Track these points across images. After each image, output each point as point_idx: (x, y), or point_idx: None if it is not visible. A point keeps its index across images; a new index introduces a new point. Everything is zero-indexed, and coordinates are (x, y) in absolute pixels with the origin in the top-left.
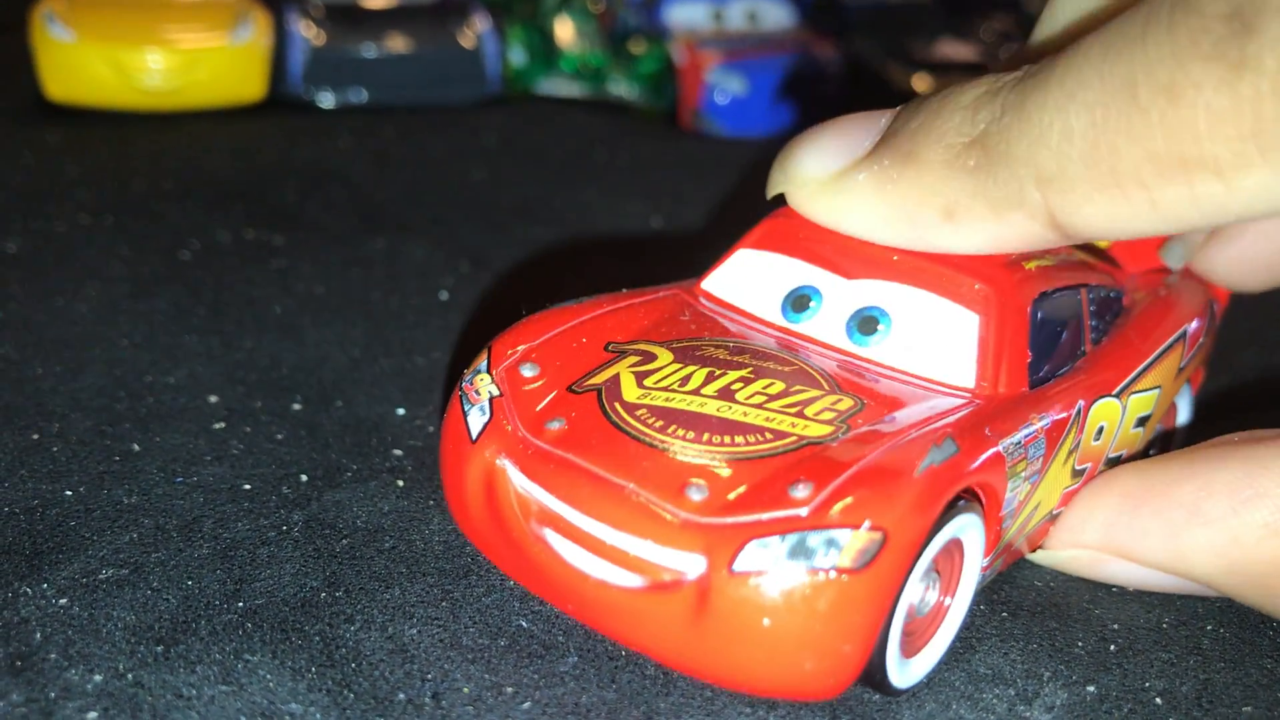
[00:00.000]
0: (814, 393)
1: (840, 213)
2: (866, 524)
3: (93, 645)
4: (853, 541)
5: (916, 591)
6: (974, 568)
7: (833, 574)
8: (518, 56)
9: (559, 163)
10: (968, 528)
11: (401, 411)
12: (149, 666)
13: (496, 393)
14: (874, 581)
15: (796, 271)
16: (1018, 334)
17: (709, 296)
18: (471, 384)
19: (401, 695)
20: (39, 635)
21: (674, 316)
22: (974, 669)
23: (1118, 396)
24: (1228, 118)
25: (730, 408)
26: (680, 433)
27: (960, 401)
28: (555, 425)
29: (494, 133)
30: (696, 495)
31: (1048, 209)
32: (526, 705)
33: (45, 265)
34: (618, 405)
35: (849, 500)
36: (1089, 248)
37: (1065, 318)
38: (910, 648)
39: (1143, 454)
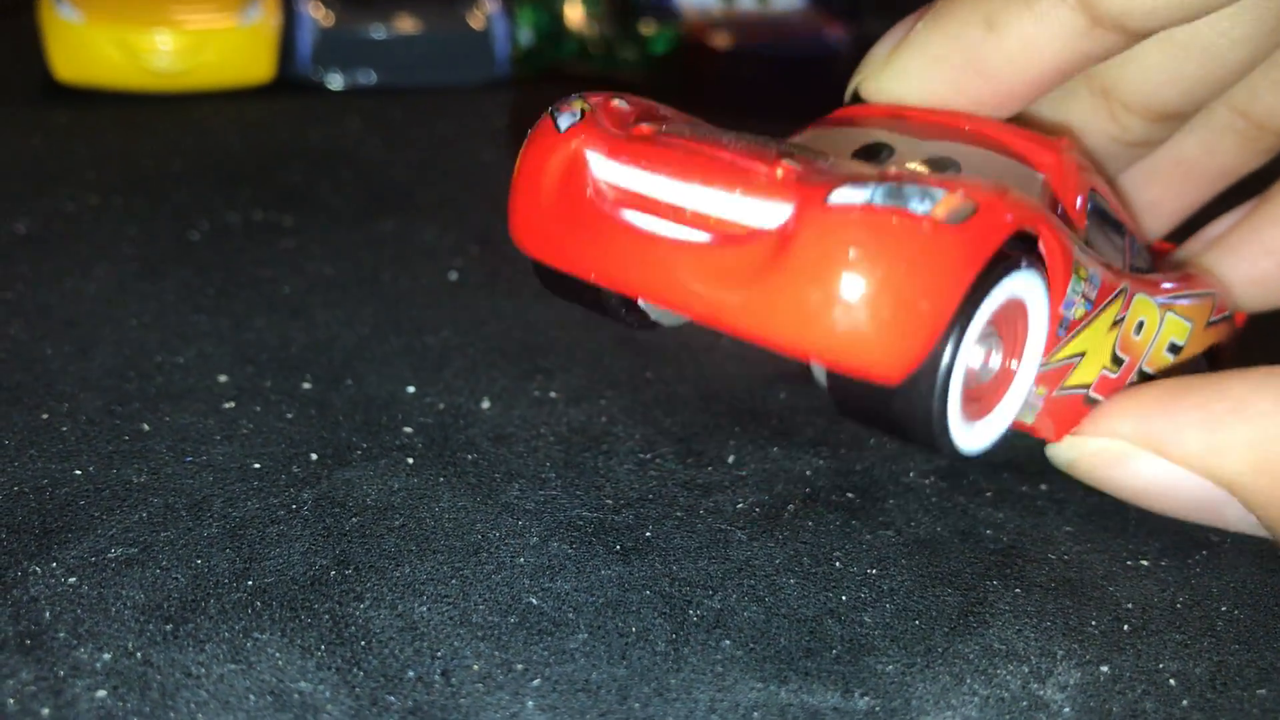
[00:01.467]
0: (915, 161)
1: (902, 71)
2: (961, 191)
3: (102, 624)
4: (948, 199)
5: (976, 355)
6: (1039, 333)
7: (928, 221)
8: (527, 37)
9: None
10: (1032, 289)
11: (411, 389)
12: (158, 645)
13: (589, 107)
14: (963, 241)
15: (869, 135)
16: (1080, 203)
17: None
18: (565, 102)
19: (411, 673)
20: (48, 614)
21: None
22: (988, 643)
23: (1159, 304)
24: None
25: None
26: (771, 140)
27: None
28: (646, 125)
29: (503, 114)
30: (790, 163)
31: None
32: (536, 682)
33: (54, 246)
34: (706, 125)
35: (948, 184)
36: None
37: (1111, 232)
38: (975, 412)
39: None
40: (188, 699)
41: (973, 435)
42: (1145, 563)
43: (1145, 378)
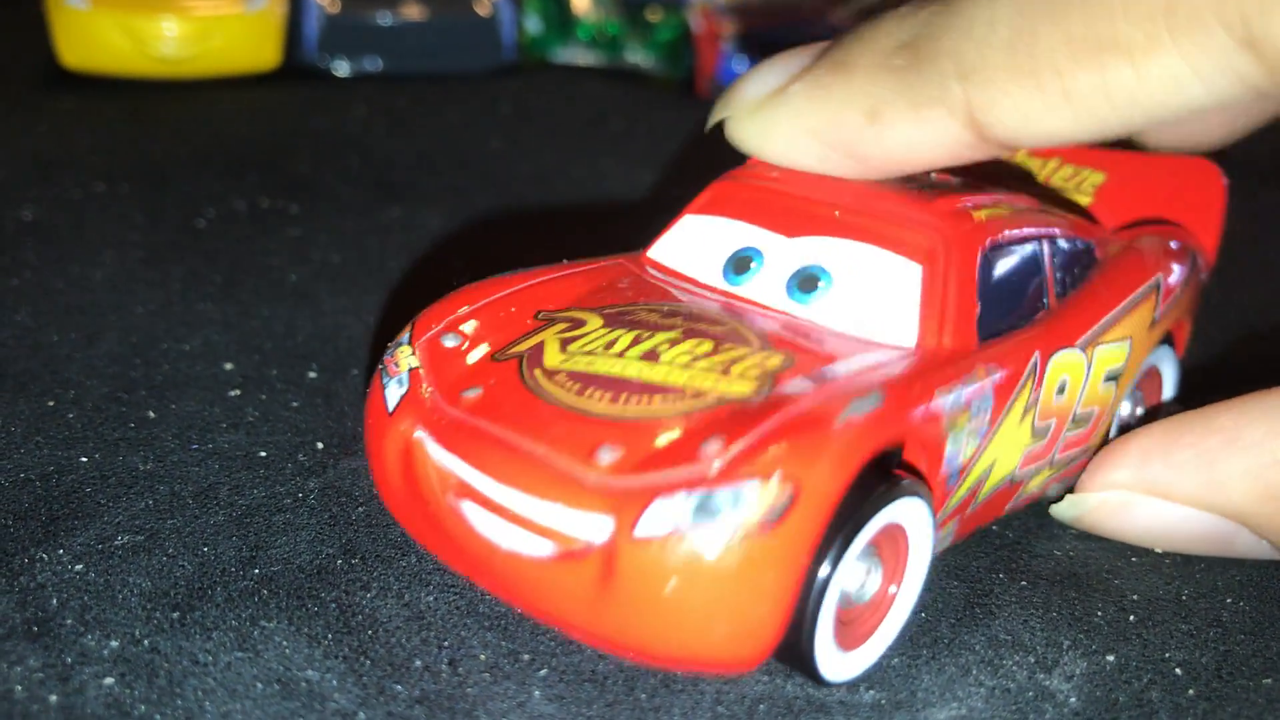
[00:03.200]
0: (742, 350)
1: (770, 129)
2: (776, 477)
3: (109, 611)
4: (760, 497)
5: (854, 577)
6: (921, 557)
7: (739, 534)
8: (533, 25)
9: (575, 132)
10: (910, 512)
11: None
12: (165, 632)
13: (416, 364)
14: (785, 539)
15: (739, 234)
16: (964, 285)
17: (655, 265)
18: (392, 356)
19: (418, 662)
20: (55, 601)
21: (612, 284)
22: (994, 634)
23: (1081, 349)
24: None
25: (652, 368)
26: (597, 395)
27: (900, 355)
28: (472, 394)
29: (509, 101)
30: (607, 457)
31: (967, 105)
32: (543, 672)
33: (60, 233)
34: (537, 371)
35: (760, 454)
36: (1062, 200)
37: (1023, 269)
38: (850, 638)
39: (1120, 420)
40: (195, 686)
41: (845, 665)
42: (1150, 557)
43: (1084, 419)
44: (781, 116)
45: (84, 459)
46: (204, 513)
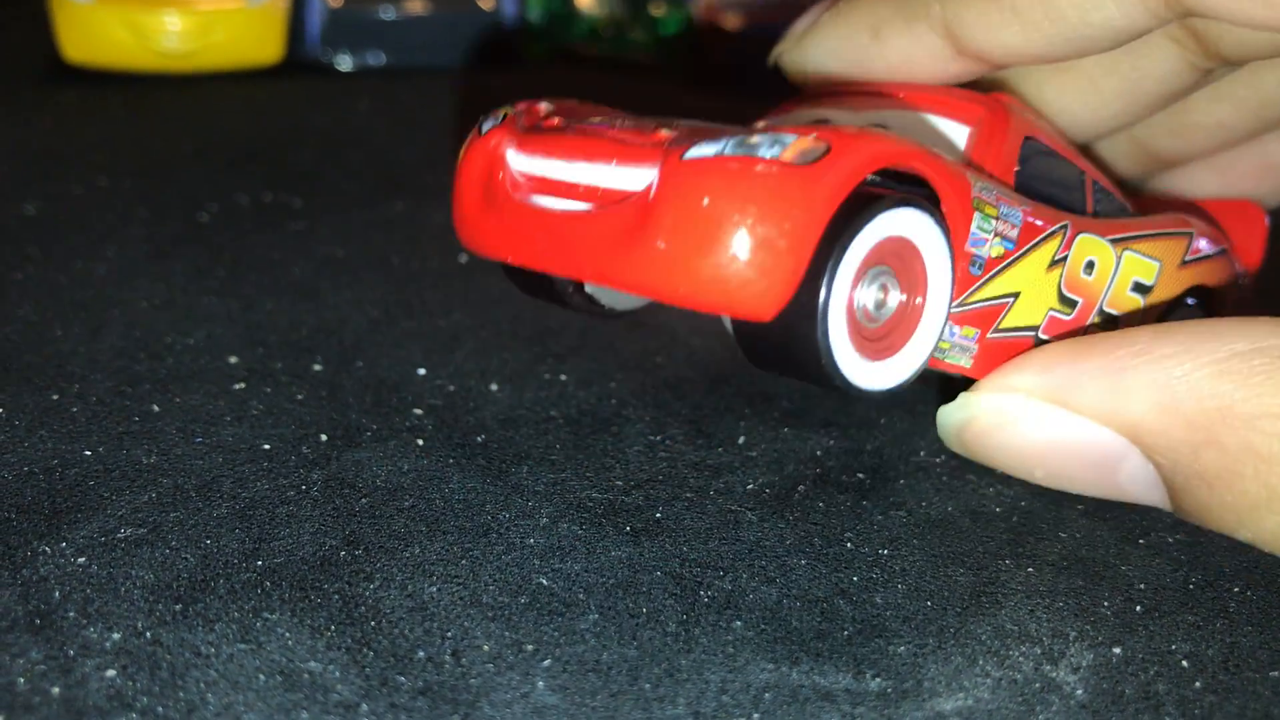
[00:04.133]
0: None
1: (806, 52)
2: (813, 135)
3: (111, 604)
4: (798, 143)
5: (868, 295)
6: (942, 269)
7: (774, 165)
8: (537, 18)
9: None
10: (919, 226)
11: (422, 372)
12: (167, 625)
13: (512, 111)
14: (813, 180)
15: (812, 114)
16: (1008, 148)
17: None
18: (494, 111)
19: (421, 653)
20: (58, 594)
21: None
22: (1001, 624)
23: (1112, 243)
24: None
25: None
26: (667, 120)
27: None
28: (554, 118)
29: (513, 95)
30: (666, 132)
31: (944, 20)
32: (547, 663)
33: (63, 227)
34: (612, 111)
35: (800, 132)
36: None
37: (1061, 177)
38: (881, 350)
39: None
40: (197, 678)
41: (879, 373)
42: (1157, 541)
43: (1111, 321)
44: (815, 44)
45: (87, 452)
46: (207, 505)
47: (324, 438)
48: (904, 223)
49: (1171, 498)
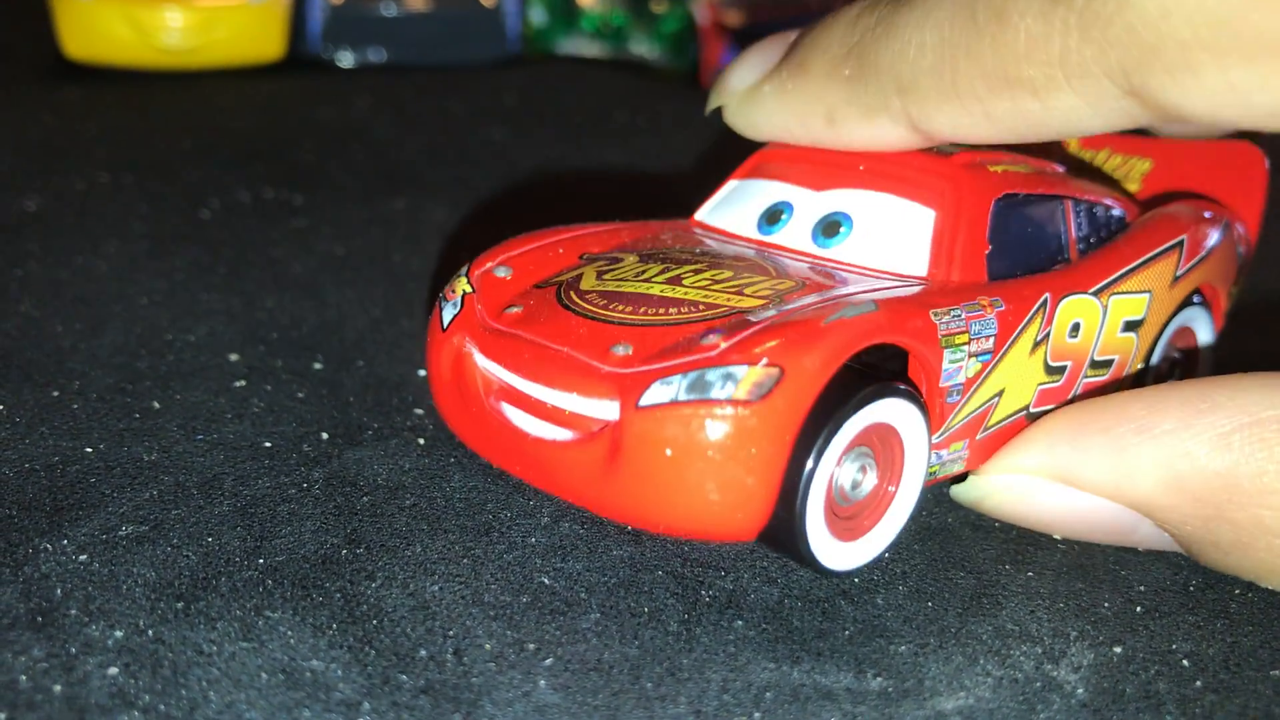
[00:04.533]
0: (759, 278)
1: (754, 121)
2: (764, 361)
3: (113, 601)
4: (749, 375)
5: (847, 473)
6: (917, 460)
7: (728, 406)
8: (538, 16)
9: (579, 123)
10: (900, 413)
11: (423, 371)
12: (169, 623)
13: (469, 290)
14: (770, 414)
15: (775, 191)
16: (975, 227)
17: (699, 225)
18: (450, 285)
19: (423, 652)
20: (59, 591)
21: (654, 236)
22: (1001, 625)
23: (1095, 295)
24: (1041, 44)
25: (674, 289)
26: (620, 308)
27: (907, 285)
28: (513, 310)
29: (514, 93)
30: (620, 351)
31: (907, 115)
32: (549, 662)
33: (65, 224)
34: (572, 293)
35: (752, 346)
36: (1106, 180)
37: (1041, 223)
38: (851, 531)
39: (1153, 372)
40: (199, 677)
41: (846, 555)
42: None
43: (1104, 365)
44: (760, 113)
45: (89, 449)
46: (209, 503)
47: (325, 436)
48: (880, 411)
49: (1188, 553)
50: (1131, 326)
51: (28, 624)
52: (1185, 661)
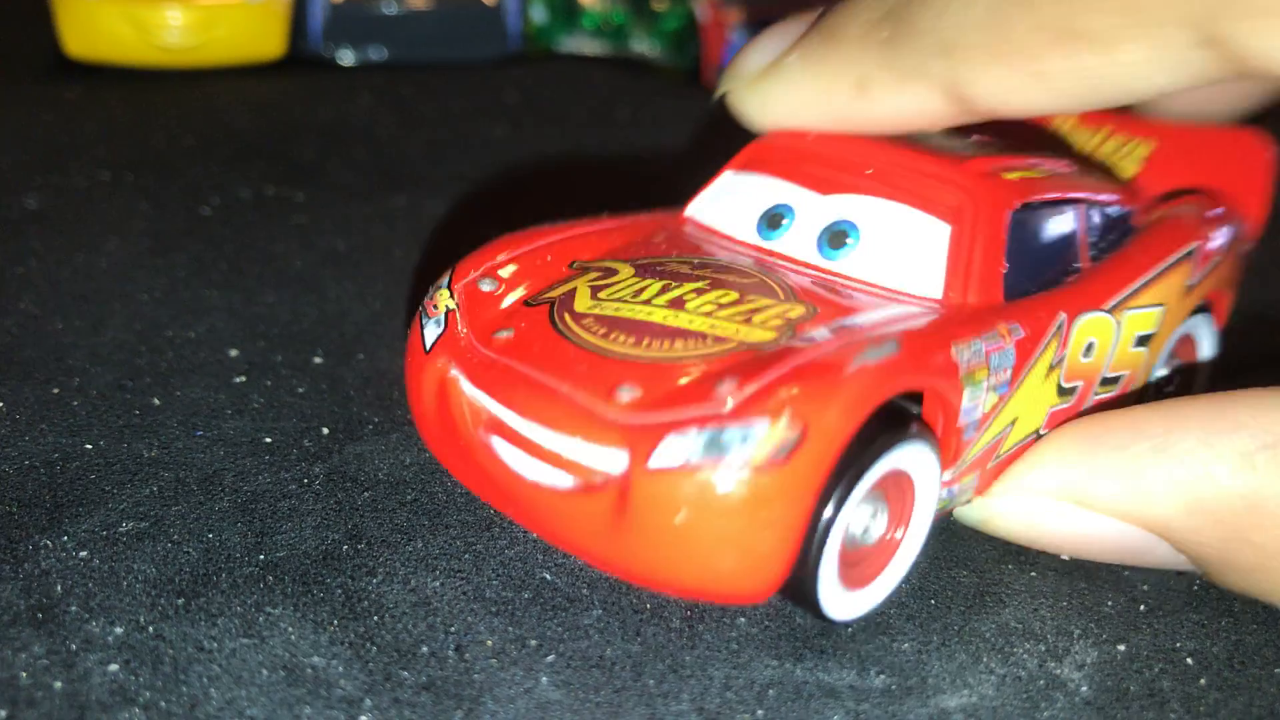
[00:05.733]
0: (766, 301)
1: (769, 99)
2: (785, 417)
3: (113, 598)
4: (769, 435)
5: (859, 518)
6: (927, 504)
7: (747, 469)
8: (539, 14)
9: (580, 121)
10: (917, 459)
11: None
12: (170, 619)
13: (453, 306)
14: (791, 477)
15: (774, 190)
16: (992, 244)
17: (692, 222)
18: (432, 299)
19: (424, 648)
20: (60, 588)
21: (647, 238)
22: (1005, 622)
23: (1109, 312)
24: None
25: (677, 316)
26: (621, 338)
27: (922, 310)
28: (504, 335)
29: (515, 90)
30: (626, 395)
31: (948, 80)
32: (550, 658)
33: (65, 221)
34: (567, 315)
35: (771, 396)
36: (1105, 169)
37: (1054, 232)
38: (856, 579)
39: (1154, 385)
40: (200, 673)
41: (850, 604)
42: None
43: (1114, 382)
44: (778, 88)
45: (89, 446)
46: (209, 499)
47: (326, 431)
48: (898, 459)
49: (1203, 574)
50: (1144, 341)
51: (28, 621)
52: (1189, 659)
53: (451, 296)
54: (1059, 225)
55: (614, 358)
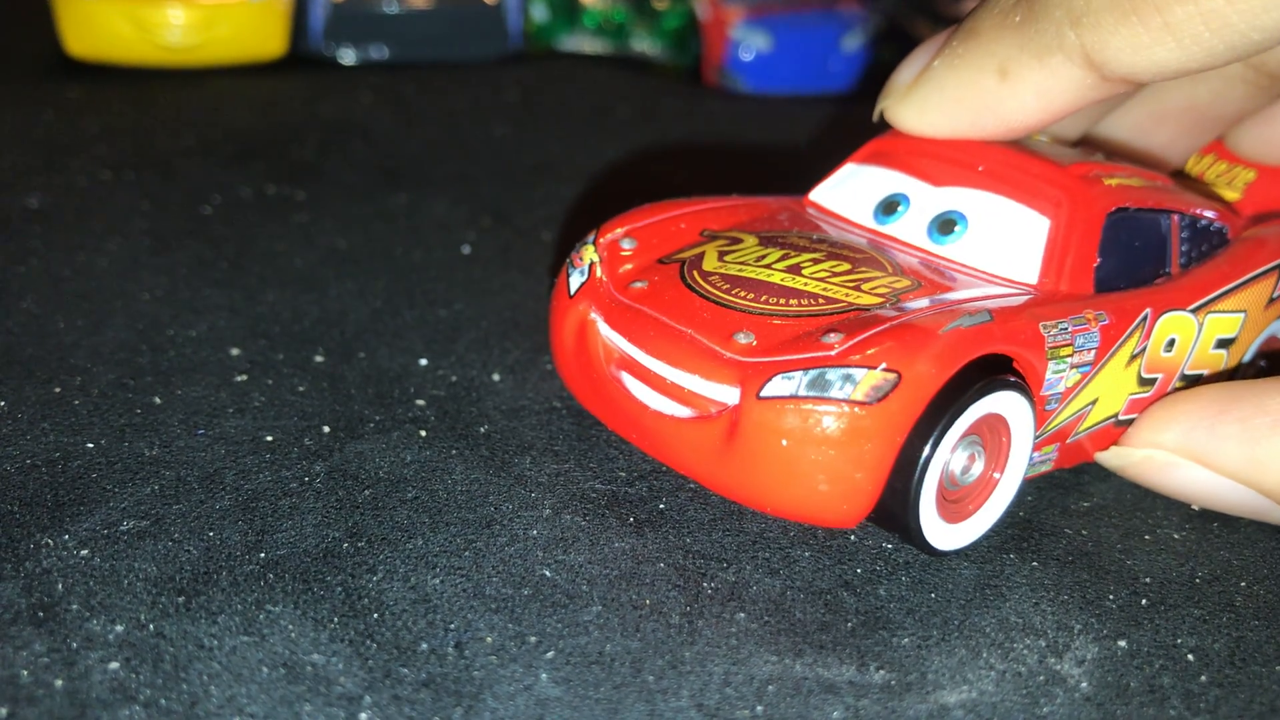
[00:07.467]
0: (876, 274)
1: (922, 106)
2: (883, 365)
3: (114, 596)
4: (867, 379)
5: (959, 460)
6: (1023, 445)
7: (845, 406)
8: (540, 12)
9: (581, 120)
10: (1011, 404)
11: (424, 362)
12: (170, 617)
13: (596, 259)
14: (884, 417)
15: (892, 181)
16: (1087, 239)
17: (814, 205)
18: (578, 252)
19: (424, 645)
20: (61, 586)
21: (772, 215)
22: (1005, 617)
23: (1193, 313)
24: None
25: (794, 279)
26: (742, 293)
27: (1018, 292)
28: (638, 285)
29: (516, 89)
30: (743, 339)
31: (1082, 49)
32: (550, 655)
33: (67, 220)
34: (695, 273)
35: (872, 346)
36: (1207, 191)
37: (1147, 236)
38: (956, 514)
39: (1236, 376)
40: (200, 671)
41: (953, 536)
42: (1163, 535)
43: (1193, 380)
44: (929, 92)
45: (90, 445)
46: (210, 498)
47: (326, 429)
48: (992, 404)
49: None
50: (1224, 344)
51: (29, 619)
52: (1190, 656)
53: (595, 251)
54: (1152, 232)
55: (734, 309)
